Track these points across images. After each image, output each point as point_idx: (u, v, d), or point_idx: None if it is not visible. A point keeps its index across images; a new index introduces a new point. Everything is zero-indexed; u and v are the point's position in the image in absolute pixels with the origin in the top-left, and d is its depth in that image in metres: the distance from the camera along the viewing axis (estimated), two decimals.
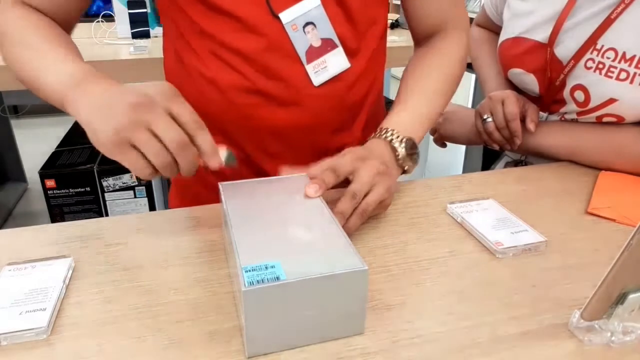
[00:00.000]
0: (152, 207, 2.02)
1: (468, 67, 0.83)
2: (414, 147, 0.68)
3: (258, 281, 0.40)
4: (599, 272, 0.42)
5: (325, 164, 0.59)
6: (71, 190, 1.93)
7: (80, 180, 1.91)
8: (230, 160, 0.56)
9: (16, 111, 3.71)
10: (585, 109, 0.80)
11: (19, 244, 0.59)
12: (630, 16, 0.73)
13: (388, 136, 0.67)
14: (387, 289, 0.52)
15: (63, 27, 0.69)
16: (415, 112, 0.71)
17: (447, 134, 1.00)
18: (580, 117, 0.83)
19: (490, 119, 0.87)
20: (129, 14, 1.77)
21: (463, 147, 2.53)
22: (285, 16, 0.65)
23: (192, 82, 0.70)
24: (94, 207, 1.97)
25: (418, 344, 0.45)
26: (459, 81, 0.78)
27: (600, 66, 0.76)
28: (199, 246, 0.58)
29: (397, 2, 2.46)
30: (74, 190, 1.93)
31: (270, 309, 0.41)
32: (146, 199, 2.00)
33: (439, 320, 0.47)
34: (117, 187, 1.96)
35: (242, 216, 0.50)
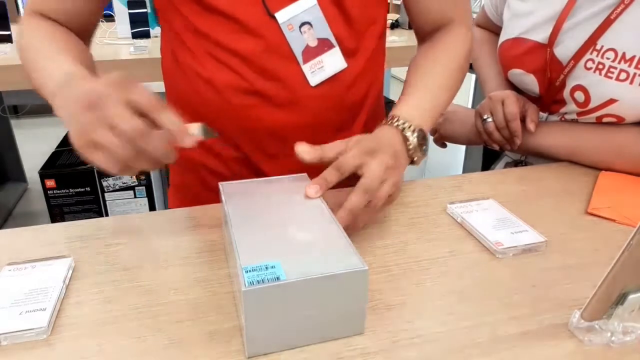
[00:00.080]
0: (152, 207, 2.02)
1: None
2: (425, 138, 0.66)
3: (258, 281, 0.40)
4: (599, 272, 0.42)
5: (334, 149, 0.58)
6: (71, 190, 1.93)
7: (80, 180, 1.92)
8: (207, 133, 0.52)
9: (16, 111, 3.71)
10: (585, 110, 0.80)
11: (19, 244, 0.59)
12: (630, 17, 0.73)
13: (400, 124, 0.64)
14: (387, 289, 0.52)
15: (81, 35, 0.70)
16: (420, 107, 0.70)
17: (447, 134, 1.00)
18: (580, 117, 0.83)
19: (490, 119, 0.87)
20: (129, 14, 1.77)
21: (463, 147, 2.54)
22: (281, 16, 0.65)
23: (189, 83, 0.70)
24: (94, 207, 1.97)
25: (418, 344, 0.45)
26: (464, 76, 0.77)
27: (600, 67, 0.76)
28: (199, 246, 0.58)
29: (397, 2, 2.46)
30: (74, 190, 1.93)
31: (270, 309, 0.41)
32: (146, 199, 2.00)
33: (439, 320, 0.47)
34: (117, 187, 1.96)
35: (242, 216, 0.50)
